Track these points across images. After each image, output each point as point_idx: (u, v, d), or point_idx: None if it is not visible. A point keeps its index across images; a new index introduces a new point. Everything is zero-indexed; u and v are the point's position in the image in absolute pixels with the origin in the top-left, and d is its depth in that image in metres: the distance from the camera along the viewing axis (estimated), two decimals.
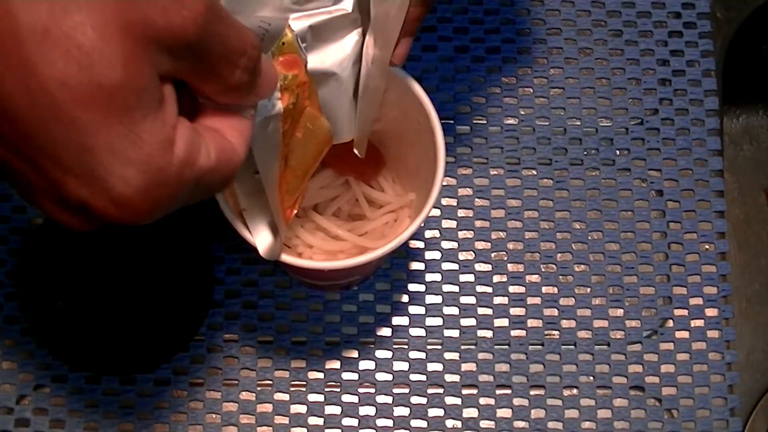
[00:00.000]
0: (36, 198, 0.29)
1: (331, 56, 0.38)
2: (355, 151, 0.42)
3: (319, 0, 0.37)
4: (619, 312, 0.53)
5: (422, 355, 0.52)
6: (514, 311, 0.53)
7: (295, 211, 0.40)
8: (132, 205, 0.27)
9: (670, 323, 0.53)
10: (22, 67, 0.25)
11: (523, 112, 0.56)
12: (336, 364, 0.52)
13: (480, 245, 0.54)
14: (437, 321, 0.52)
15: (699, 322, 0.53)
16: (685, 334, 0.53)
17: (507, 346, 0.52)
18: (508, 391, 0.51)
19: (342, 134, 0.41)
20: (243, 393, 0.51)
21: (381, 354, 0.52)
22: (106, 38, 0.25)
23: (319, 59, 0.38)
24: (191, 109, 0.30)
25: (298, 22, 0.36)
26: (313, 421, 0.51)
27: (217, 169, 0.30)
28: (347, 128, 0.41)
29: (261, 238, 0.40)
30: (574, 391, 0.51)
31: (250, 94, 0.31)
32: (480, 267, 0.53)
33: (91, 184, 0.26)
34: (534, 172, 0.55)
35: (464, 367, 0.52)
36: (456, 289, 0.53)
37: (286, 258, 0.40)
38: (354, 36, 0.38)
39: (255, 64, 0.30)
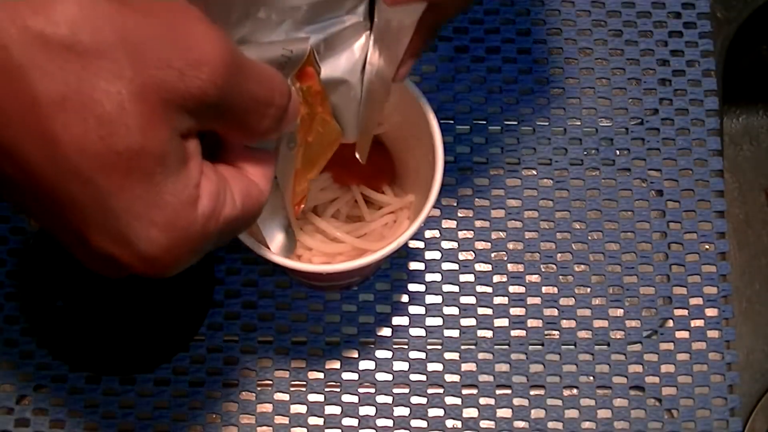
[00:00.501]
0: (67, 246, 0.29)
1: (342, 64, 0.38)
2: (357, 156, 0.42)
3: (333, 11, 0.37)
4: (619, 312, 0.53)
5: (422, 355, 0.52)
6: (514, 311, 0.53)
7: (303, 206, 0.41)
8: (158, 262, 0.27)
9: (670, 323, 0.53)
10: (42, 134, 0.25)
11: (523, 112, 0.56)
12: (336, 364, 0.52)
13: (480, 245, 0.54)
14: (437, 321, 0.52)
15: (699, 322, 0.53)
16: (685, 334, 0.53)
17: (507, 346, 0.52)
18: (508, 391, 0.51)
19: (350, 136, 0.41)
20: (243, 393, 0.51)
21: (381, 354, 0.52)
22: (123, 105, 0.25)
23: (331, 68, 0.38)
24: (214, 147, 0.30)
25: (313, 36, 0.36)
26: (313, 421, 0.51)
27: (243, 216, 0.30)
28: (355, 130, 0.41)
29: (275, 240, 0.40)
30: (574, 391, 0.52)
31: (276, 133, 0.31)
32: (480, 267, 0.53)
33: (116, 242, 0.27)
34: (534, 172, 0.55)
35: (464, 367, 0.52)
36: (456, 289, 0.53)
37: (286, 261, 0.40)
38: (362, 40, 0.38)
39: (283, 112, 0.30)
